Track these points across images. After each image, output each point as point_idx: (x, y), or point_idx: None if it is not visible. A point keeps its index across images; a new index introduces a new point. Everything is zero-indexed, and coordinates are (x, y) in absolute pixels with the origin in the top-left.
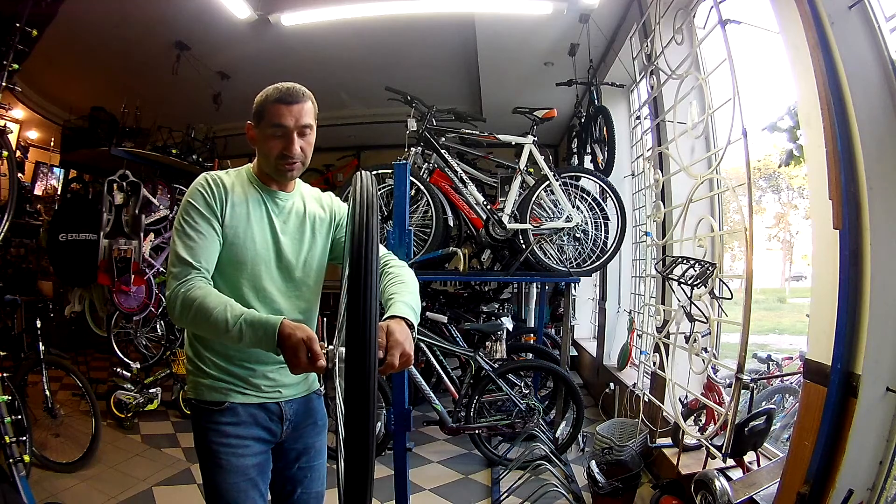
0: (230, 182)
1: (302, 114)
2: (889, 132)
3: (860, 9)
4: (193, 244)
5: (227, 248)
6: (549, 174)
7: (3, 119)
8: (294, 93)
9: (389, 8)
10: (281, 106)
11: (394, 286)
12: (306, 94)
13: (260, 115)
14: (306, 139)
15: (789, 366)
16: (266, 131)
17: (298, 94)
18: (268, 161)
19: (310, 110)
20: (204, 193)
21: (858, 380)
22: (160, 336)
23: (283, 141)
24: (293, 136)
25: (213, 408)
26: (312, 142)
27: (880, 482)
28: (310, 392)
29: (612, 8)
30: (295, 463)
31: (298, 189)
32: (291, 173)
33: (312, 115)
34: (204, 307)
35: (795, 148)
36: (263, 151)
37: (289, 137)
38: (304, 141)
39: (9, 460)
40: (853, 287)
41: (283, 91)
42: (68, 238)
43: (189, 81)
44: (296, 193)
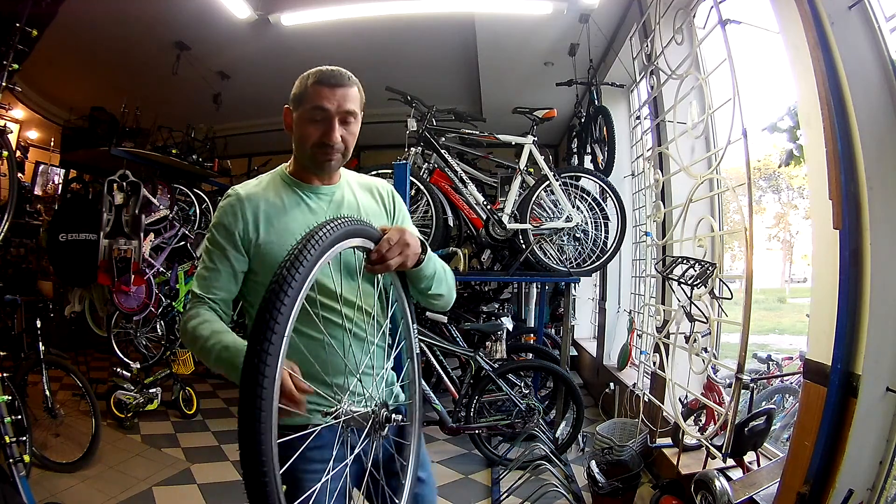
0: (260, 193)
1: (346, 99)
2: (889, 132)
3: (860, 9)
4: (205, 276)
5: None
6: (549, 174)
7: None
8: (338, 75)
9: (389, 8)
10: (323, 88)
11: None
12: (352, 79)
13: (299, 98)
14: (349, 128)
15: (789, 366)
16: (304, 115)
17: (343, 77)
18: (303, 149)
19: (355, 97)
20: (225, 221)
21: (858, 380)
22: (160, 336)
23: (322, 127)
24: (334, 122)
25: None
26: (356, 132)
27: (880, 482)
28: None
29: (612, 8)
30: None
31: (344, 179)
32: (330, 164)
33: (358, 103)
34: (195, 335)
35: (795, 148)
36: (300, 138)
37: (329, 123)
38: (345, 129)
39: (9, 460)
40: (853, 287)
41: (327, 73)
42: (68, 238)
43: (189, 81)
44: (342, 184)
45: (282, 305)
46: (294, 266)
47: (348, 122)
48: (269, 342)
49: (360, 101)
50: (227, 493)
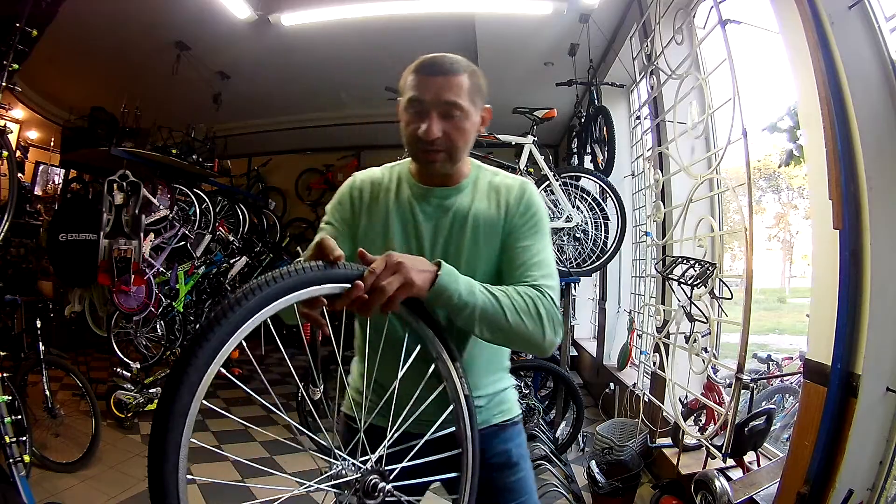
0: (378, 183)
1: (447, 88)
2: (889, 132)
3: (860, 9)
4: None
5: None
6: (549, 174)
7: (3, 119)
8: (440, 62)
9: (389, 8)
10: (420, 77)
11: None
12: (461, 65)
13: (402, 88)
14: (453, 123)
15: (789, 366)
16: (404, 108)
17: (445, 63)
18: (408, 147)
19: (461, 86)
20: (338, 202)
21: (858, 380)
22: (160, 336)
23: (418, 121)
24: (431, 115)
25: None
26: (466, 128)
27: (880, 482)
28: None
29: (612, 8)
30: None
31: (472, 179)
32: (433, 165)
33: (466, 94)
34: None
35: (795, 148)
36: (403, 133)
37: (425, 116)
38: (449, 124)
39: (9, 460)
40: (853, 287)
41: (427, 59)
42: (68, 238)
43: (189, 81)
44: (464, 186)
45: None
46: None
47: (451, 116)
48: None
49: (469, 91)
50: (228, 494)
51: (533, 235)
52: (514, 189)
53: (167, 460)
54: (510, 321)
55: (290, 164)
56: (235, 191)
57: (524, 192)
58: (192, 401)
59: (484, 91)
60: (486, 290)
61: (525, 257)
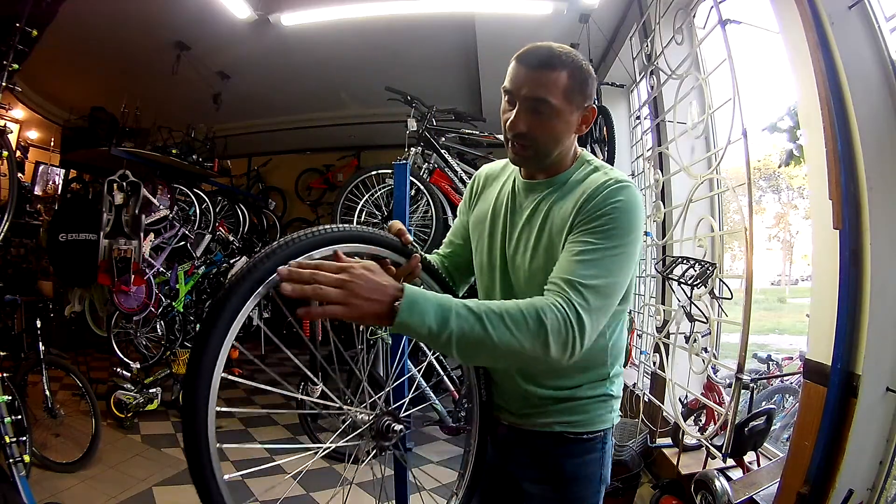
0: (495, 175)
1: (538, 83)
2: (889, 132)
3: (860, 9)
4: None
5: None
6: None
7: (3, 119)
8: (537, 53)
9: (389, 8)
10: (517, 65)
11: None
12: (561, 61)
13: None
14: (540, 120)
15: (789, 366)
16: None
17: (543, 56)
18: (503, 136)
19: (556, 83)
20: (465, 193)
21: (858, 380)
22: (160, 336)
23: (509, 110)
24: (519, 107)
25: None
26: (555, 127)
27: (880, 482)
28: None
29: (612, 8)
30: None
31: (569, 175)
32: (517, 158)
33: (560, 91)
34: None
35: (795, 148)
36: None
37: (513, 107)
38: (535, 120)
39: (9, 460)
40: (853, 287)
41: (530, 49)
42: (68, 238)
43: (189, 81)
44: (555, 183)
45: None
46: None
47: (539, 112)
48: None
49: (566, 89)
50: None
51: (589, 234)
52: (597, 185)
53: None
54: (496, 342)
55: (290, 164)
56: (235, 191)
57: (604, 189)
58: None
59: (589, 90)
60: (469, 310)
61: (566, 257)
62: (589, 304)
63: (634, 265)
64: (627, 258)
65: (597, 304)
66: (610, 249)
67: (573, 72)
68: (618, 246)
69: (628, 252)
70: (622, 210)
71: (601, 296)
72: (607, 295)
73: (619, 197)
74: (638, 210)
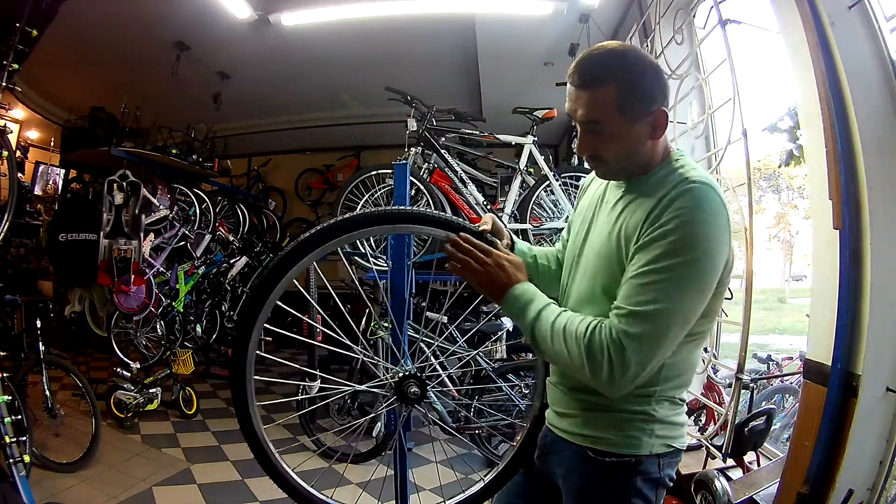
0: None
1: (587, 105)
2: (889, 132)
3: (860, 9)
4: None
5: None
6: (550, 174)
7: (3, 119)
8: (580, 72)
9: (389, 8)
10: (568, 84)
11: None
12: (605, 74)
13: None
14: (599, 139)
15: (789, 366)
16: None
17: (586, 74)
18: None
19: (605, 100)
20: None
21: (858, 380)
22: (160, 336)
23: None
24: (579, 129)
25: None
26: (616, 144)
27: (880, 482)
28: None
29: (612, 8)
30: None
31: (650, 176)
32: (598, 174)
33: (613, 106)
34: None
35: (795, 148)
36: None
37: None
38: (595, 140)
39: (9, 460)
40: (853, 287)
41: (578, 62)
42: (68, 238)
43: (189, 81)
44: (641, 181)
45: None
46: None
47: (597, 133)
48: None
49: (619, 101)
50: (228, 493)
51: (647, 251)
52: (668, 188)
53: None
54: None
55: (290, 164)
56: (235, 191)
57: (672, 192)
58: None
59: (649, 94)
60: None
61: (626, 277)
62: (636, 333)
63: (706, 283)
64: (692, 277)
65: (647, 331)
66: (670, 270)
67: (621, 82)
68: (682, 263)
69: (694, 270)
70: (688, 219)
71: (653, 323)
72: (662, 322)
73: (686, 203)
74: (710, 216)
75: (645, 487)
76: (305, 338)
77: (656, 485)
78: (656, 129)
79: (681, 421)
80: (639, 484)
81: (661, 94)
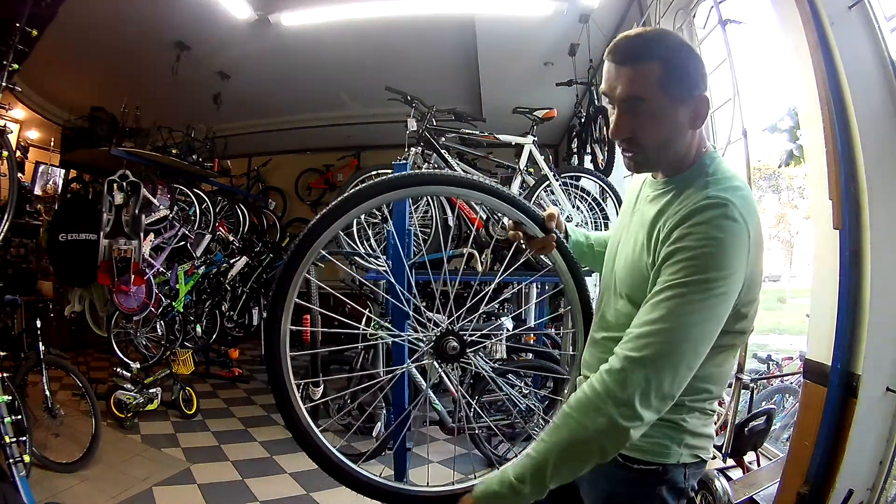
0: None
1: (628, 80)
2: (889, 132)
3: (860, 9)
4: None
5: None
6: (549, 174)
7: (3, 119)
8: (622, 47)
9: (390, 8)
10: (607, 62)
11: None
12: (649, 51)
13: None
14: (638, 119)
15: (789, 366)
16: None
17: (628, 49)
18: None
19: (647, 76)
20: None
21: (858, 380)
22: (160, 336)
23: (612, 114)
24: (617, 110)
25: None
26: (657, 124)
27: (880, 482)
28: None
29: (612, 8)
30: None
31: (682, 179)
32: (627, 163)
33: (655, 84)
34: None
35: (795, 148)
36: None
37: (615, 109)
38: (634, 120)
39: (9, 460)
40: (853, 287)
41: (618, 40)
42: (68, 238)
43: (189, 81)
44: (673, 183)
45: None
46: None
47: (636, 112)
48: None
49: (662, 80)
50: (228, 493)
51: (664, 271)
52: (692, 203)
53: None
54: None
55: (290, 164)
56: (235, 191)
57: (694, 209)
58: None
59: (692, 77)
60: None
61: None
62: (641, 355)
63: (720, 306)
64: (704, 300)
65: (655, 353)
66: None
67: (666, 60)
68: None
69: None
70: (703, 235)
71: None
72: (669, 342)
73: (701, 218)
74: (726, 234)
75: (670, 497)
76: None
77: (680, 495)
78: (697, 117)
79: (709, 433)
80: (664, 493)
81: (703, 80)
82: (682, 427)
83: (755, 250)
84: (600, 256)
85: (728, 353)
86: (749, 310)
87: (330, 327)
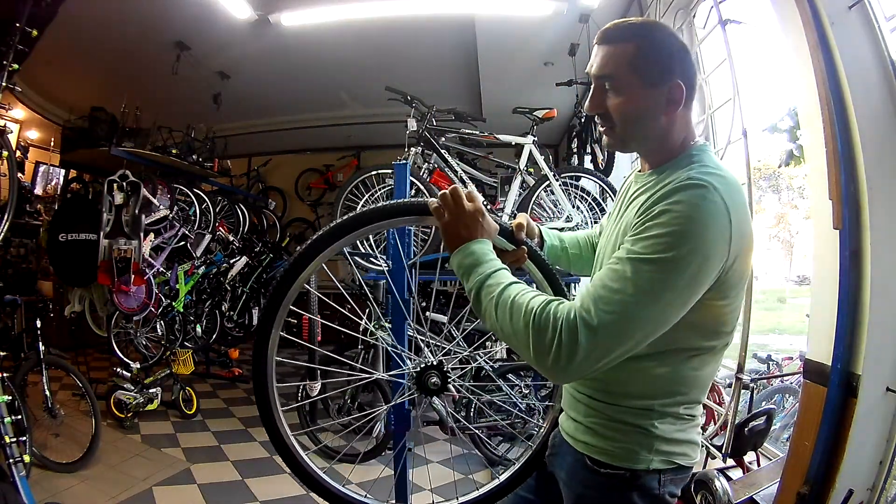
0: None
1: (603, 59)
2: (889, 132)
3: (860, 9)
4: None
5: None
6: (549, 174)
7: (3, 119)
8: (609, 28)
9: (390, 9)
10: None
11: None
12: (628, 32)
13: None
14: (609, 97)
15: (789, 366)
16: None
17: (609, 30)
18: None
19: (621, 56)
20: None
21: (858, 380)
22: (160, 336)
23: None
24: (592, 88)
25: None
26: (626, 105)
27: (880, 482)
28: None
29: (612, 8)
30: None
31: (663, 170)
32: (604, 141)
33: (626, 64)
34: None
35: (795, 148)
36: None
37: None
38: (602, 97)
39: (9, 460)
40: (853, 287)
41: (606, 26)
42: (68, 238)
43: (189, 81)
44: (655, 175)
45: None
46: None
47: (606, 90)
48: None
49: (634, 61)
50: (228, 493)
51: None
52: (671, 182)
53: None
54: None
55: (290, 164)
56: (235, 191)
57: (671, 188)
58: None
59: (668, 63)
60: (497, 282)
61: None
62: (595, 320)
63: (689, 285)
64: (671, 275)
65: (608, 320)
66: (650, 262)
67: (643, 42)
68: (664, 259)
69: (676, 268)
70: (679, 213)
71: (617, 314)
72: (627, 314)
73: (679, 197)
74: (706, 216)
75: (641, 503)
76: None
77: (655, 501)
78: (670, 102)
79: (687, 438)
80: (635, 499)
81: (680, 69)
82: (652, 433)
83: (739, 241)
84: (575, 258)
85: (706, 357)
86: (731, 303)
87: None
